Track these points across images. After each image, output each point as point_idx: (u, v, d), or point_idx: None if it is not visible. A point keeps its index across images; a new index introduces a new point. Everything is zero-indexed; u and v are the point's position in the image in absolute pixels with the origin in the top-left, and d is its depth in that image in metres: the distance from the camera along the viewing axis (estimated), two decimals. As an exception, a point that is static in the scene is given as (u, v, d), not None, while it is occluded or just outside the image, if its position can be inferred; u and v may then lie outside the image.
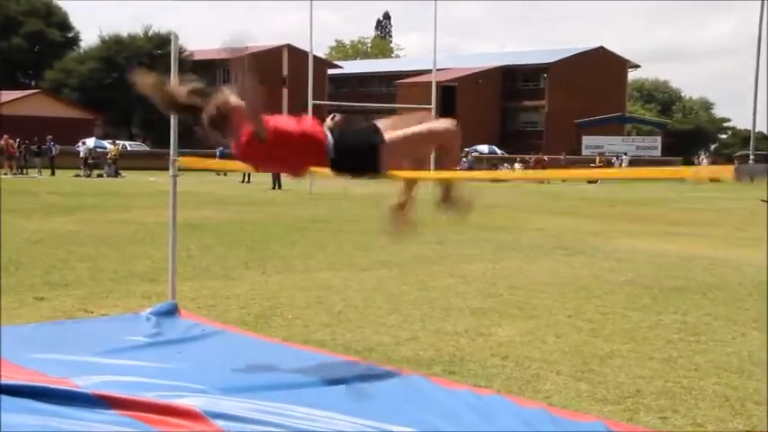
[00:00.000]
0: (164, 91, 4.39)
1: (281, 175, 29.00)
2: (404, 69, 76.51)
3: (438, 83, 33.61)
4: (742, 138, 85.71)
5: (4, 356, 4.52)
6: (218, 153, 42.86)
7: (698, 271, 9.73)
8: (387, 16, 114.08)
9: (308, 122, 4.50)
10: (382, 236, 6.34)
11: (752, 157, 54.99)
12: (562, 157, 47.57)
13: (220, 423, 3.67)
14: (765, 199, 22.18)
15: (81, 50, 70.01)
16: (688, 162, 58.20)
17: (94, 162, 38.16)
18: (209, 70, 69.59)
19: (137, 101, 61.76)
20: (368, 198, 18.12)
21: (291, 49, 72.03)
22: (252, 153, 4.39)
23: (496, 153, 53.97)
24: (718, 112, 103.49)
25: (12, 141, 36.32)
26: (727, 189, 37.45)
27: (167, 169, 6.18)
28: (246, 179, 32.81)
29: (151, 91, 4.37)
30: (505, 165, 47.66)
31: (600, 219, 17.82)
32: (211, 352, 5.07)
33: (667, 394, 4.71)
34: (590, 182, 42.76)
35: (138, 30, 67.29)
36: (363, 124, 4.66)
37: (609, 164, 48.04)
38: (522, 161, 49.95)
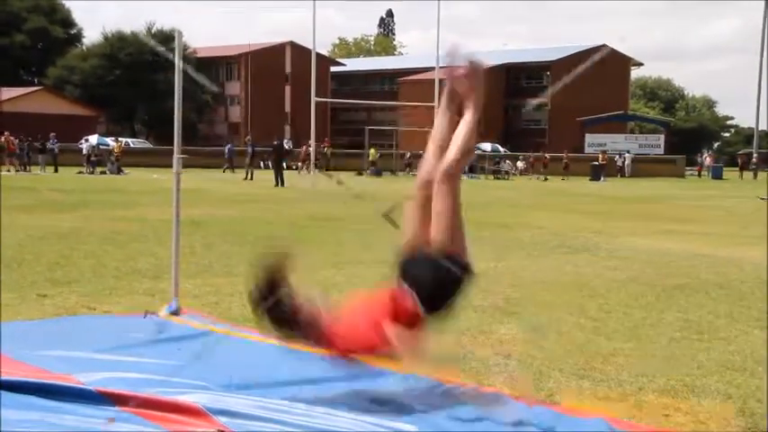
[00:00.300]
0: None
1: (284, 172, 29.03)
2: (407, 67, 76.45)
3: (441, 80, 33.59)
4: (745, 136, 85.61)
5: (5, 353, 4.53)
6: (226, 151, 43.16)
7: (701, 269, 9.72)
8: (390, 14, 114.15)
9: (404, 299, 3.99)
10: (384, 234, 6.35)
11: (755, 155, 54.85)
12: (564, 155, 47.49)
13: (223, 420, 3.68)
14: (764, 197, 22.15)
15: (84, 47, 70.11)
16: (691, 161, 58.13)
17: (97, 159, 38.18)
18: (211, 67, 69.75)
19: (139, 98, 62.08)
20: (370, 195, 18.13)
21: (294, 47, 72.26)
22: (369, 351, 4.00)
23: (499, 151, 53.92)
24: (722, 110, 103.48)
25: (12, 138, 36.31)
26: (730, 188, 37.42)
27: (170, 166, 6.18)
28: (250, 176, 32.82)
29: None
30: (507, 162, 47.62)
31: (603, 216, 17.80)
32: (213, 349, 5.07)
33: (670, 392, 4.70)
34: (592, 179, 42.78)
35: (141, 27, 67.48)
36: (416, 252, 4.11)
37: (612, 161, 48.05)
38: (525, 159, 49.94)
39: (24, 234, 11.25)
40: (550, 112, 71.23)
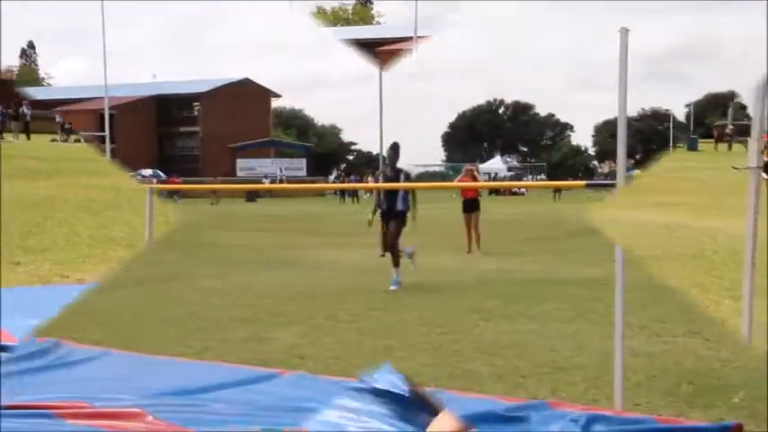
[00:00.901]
0: None
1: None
2: (384, 36, 75.96)
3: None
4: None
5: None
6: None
7: (674, 240, 9.78)
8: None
9: None
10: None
11: (730, 126, 55.11)
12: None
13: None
14: (737, 166, 22.20)
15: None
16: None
17: (71, 127, 37.67)
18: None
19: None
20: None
21: (272, 15, 71.64)
22: None
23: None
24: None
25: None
26: (705, 160, 37.63)
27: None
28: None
29: None
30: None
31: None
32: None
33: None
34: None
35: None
36: None
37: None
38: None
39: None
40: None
